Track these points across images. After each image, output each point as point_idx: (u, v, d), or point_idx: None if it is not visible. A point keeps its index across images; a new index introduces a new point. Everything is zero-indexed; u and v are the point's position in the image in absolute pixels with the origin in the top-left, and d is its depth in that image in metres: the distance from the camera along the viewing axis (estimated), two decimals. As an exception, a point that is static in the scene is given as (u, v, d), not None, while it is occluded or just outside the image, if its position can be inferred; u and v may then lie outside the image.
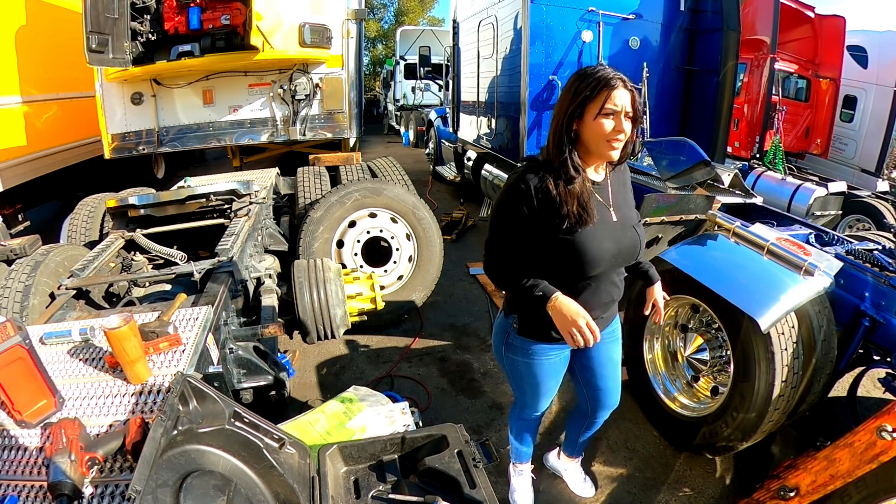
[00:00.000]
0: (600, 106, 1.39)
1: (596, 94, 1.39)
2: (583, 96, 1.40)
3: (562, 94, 1.48)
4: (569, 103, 1.43)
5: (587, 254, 1.45)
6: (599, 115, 1.39)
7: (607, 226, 1.50)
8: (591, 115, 1.40)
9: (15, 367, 1.28)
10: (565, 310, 1.44)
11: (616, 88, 1.38)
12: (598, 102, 1.39)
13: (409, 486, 1.28)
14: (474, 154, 6.69)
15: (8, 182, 4.56)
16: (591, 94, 1.39)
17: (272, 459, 1.23)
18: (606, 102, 1.38)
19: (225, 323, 2.14)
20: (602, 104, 1.38)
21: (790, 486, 1.76)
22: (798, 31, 7.37)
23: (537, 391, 1.81)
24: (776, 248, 2.12)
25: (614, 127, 1.40)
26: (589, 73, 1.41)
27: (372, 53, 29.70)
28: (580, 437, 2.13)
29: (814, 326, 2.07)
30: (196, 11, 4.50)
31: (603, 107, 1.38)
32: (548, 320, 1.50)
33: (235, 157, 6.80)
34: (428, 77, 11.87)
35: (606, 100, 1.38)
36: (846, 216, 6.08)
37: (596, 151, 1.45)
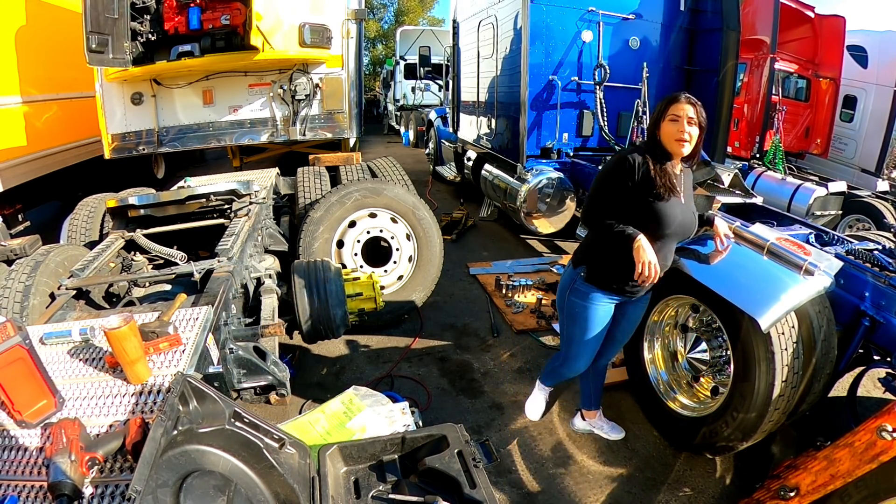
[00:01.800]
0: (668, 113, 1.93)
1: (665, 106, 1.95)
2: (660, 107, 1.98)
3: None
4: (656, 113, 2.00)
5: (665, 217, 1.92)
6: (667, 120, 1.93)
7: (678, 203, 1.96)
8: (664, 121, 1.94)
9: (15, 368, 1.28)
10: (647, 247, 1.88)
11: (678, 102, 1.92)
12: (667, 111, 1.93)
13: (409, 486, 1.28)
14: (474, 154, 6.69)
15: (8, 182, 4.57)
16: (664, 106, 1.96)
17: (272, 459, 1.23)
18: (671, 110, 1.92)
19: (225, 323, 2.14)
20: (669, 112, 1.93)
21: (790, 486, 1.76)
22: (798, 30, 7.37)
23: (583, 337, 2.18)
24: (776, 247, 2.12)
25: (678, 128, 1.90)
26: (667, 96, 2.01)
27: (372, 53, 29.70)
28: (593, 390, 2.53)
29: (814, 326, 2.07)
30: (196, 11, 4.50)
31: (669, 113, 1.93)
32: (610, 272, 2.04)
33: (235, 157, 6.81)
34: (428, 77, 11.87)
35: (672, 108, 1.92)
36: (846, 216, 6.08)
37: (669, 148, 1.94)
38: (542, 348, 3.44)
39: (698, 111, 1.89)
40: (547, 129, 5.15)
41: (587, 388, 2.55)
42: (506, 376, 3.15)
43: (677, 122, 1.90)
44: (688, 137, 1.90)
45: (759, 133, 7.04)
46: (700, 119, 1.90)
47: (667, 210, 1.92)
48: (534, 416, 2.60)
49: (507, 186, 5.28)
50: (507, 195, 5.27)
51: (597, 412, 2.60)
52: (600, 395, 2.58)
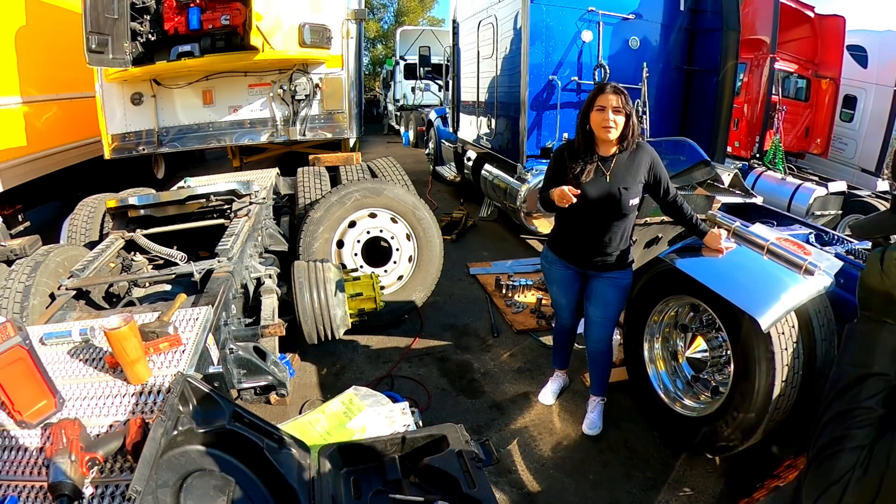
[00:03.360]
0: (595, 104, 2.16)
1: (593, 97, 2.18)
2: (589, 98, 2.20)
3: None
4: (586, 103, 2.22)
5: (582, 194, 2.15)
6: (594, 109, 2.16)
7: (600, 182, 2.20)
8: (592, 111, 2.17)
9: (15, 368, 1.28)
10: (557, 189, 2.13)
11: (604, 92, 2.14)
12: (595, 102, 2.16)
13: (409, 486, 1.28)
14: (474, 154, 6.69)
15: (8, 182, 4.57)
16: (592, 97, 2.19)
17: (272, 459, 1.23)
18: (598, 101, 2.15)
19: (225, 323, 2.14)
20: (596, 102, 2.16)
21: (790, 486, 1.76)
22: (798, 30, 7.37)
23: (553, 296, 2.65)
24: (776, 247, 2.12)
25: (603, 116, 2.13)
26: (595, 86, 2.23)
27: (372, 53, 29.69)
28: (592, 373, 2.70)
29: (814, 326, 2.07)
30: (196, 12, 4.50)
31: (596, 104, 2.16)
32: (557, 238, 2.48)
33: (235, 157, 6.81)
34: (428, 77, 11.87)
35: (598, 99, 2.15)
36: (846, 216, 6.07)
37: (597, 134, 2.19)
38: (542, 348, 3.44)
39: (622, 100, 2.11)
40: (547, 129, 5.15)
41: (589, 371, 2.73)
42: (506, 376, 3.15)
43: (603, 111, 2.12)
44: (612, 125, 2.12)
45: (759, 133, 7.04)
46: (625, 107, 2.11)
47: (584, 187, 2.18)
48: (545, 399, 2.87)
49: (507, 186, 5.28)
50: (507, 195, 5.27)
51: (596, 398, 2.71)
52: (602, 382, 2.69)
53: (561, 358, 2.90)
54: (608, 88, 2.13)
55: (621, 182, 2.19)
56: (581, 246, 2.35)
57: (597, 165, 2.21)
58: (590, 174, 2.19)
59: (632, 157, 2.23)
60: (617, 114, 2.10)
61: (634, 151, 2.24)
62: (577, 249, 2.38)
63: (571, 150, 2.27)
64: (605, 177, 2.20)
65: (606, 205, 2.20)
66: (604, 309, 2.44)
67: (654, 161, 2.26)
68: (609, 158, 2.22)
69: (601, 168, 2.21)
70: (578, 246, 2.36)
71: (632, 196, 2.19)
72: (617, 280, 2.38)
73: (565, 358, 2.90)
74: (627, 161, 2.22)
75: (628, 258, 2.39)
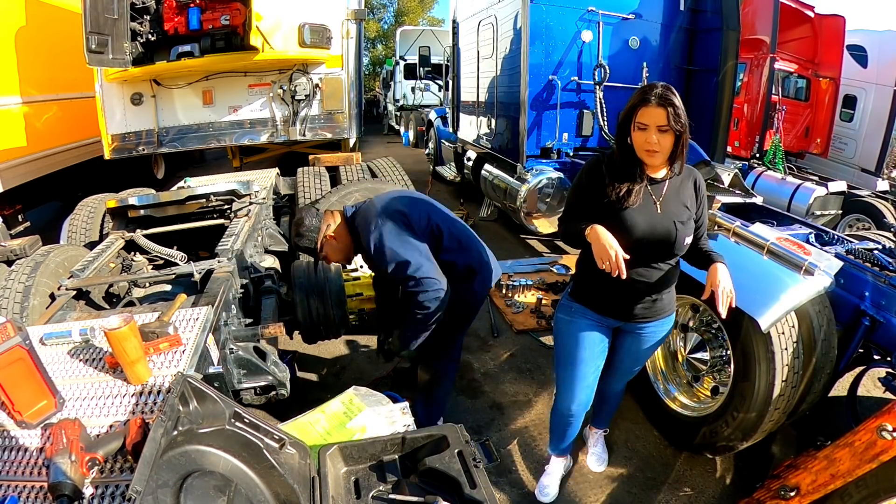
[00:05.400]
0: (636, 121, 1.64)
1: (632, 110, 1.65)
2: (628, 108, 1.68)
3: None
4: (624, 115, 1.70)
5: (627, 225, 1.70)
6: (635, 127, 1.66)
7: (648, 211, 1.72)
8: (633, 129, 1.67)
9: (15, 368, 1.28)
10: (602, 235, 1.63)
11: (647, 104, 1.60)
12: (635, 116, 1.64)
13: (409, 486, 1.28)
14: (474, 154, 6.68)
15: (8, 182, 4.57)
16: (631, 110, 1.66)
17: (272, 460, 1.23)
18: (639, 117, 1.63)
19: (225, 323, 2.14)
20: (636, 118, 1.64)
21: (790, 486, 1.76)
22: (798, 30, 7.36)
23: (565, 361, 1.98)
24: (776, 247, 2.12)
25: (646, 138, 1.63)
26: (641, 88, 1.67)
27: (372, 53, 29.70)
28: (598, 409, 2.36)
29: (814, 326, 2.07)
30: (196, 12, 4.50)
31: (636, 121, 1.64)
32: (593, 287, 1.87)
33: (235, 157, 6.81)
34: (428, 77, 11.86)
35: (640, 114, 1.63)
36: (846, 216, 6.08)
37: (640, 156, 1.69)
38: (543, 348, 3.44)
39: (672, 114, 1.57)
40: (547, 129, 5.15)
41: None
42: (506, 376, 3.15)
43: (645, 130, 1.61)
44: (658, 148, 1.62)
45: (759, 133, 7.04)
46: (675, 124, 1.58)
47: (630, 217, 1.69)
48: (547, 495, 2.22)
49: (507, 186, 5.28)
50: (507, 195, 5.27)
51: (597, 430, 2.46)
52: (606, 417, 2.42)
53: (564, 443, 2.21)
54: (653, 99, 1.58)
55: (675, 214, 1.72)
56: (620, 294, 1.82)
57: (646, 189, 1.72)
58: (638, 198, 1.69)
59: (680, 181, 1.77)
60: (664, 134, 1.60)
61: (684, 172, 1.78)
62: (616, 299, 1.84)
63: (612, 165, 1.74)
64: (656, 206, 1.71)
65: (657, 242, 1.72)
66: (636, 362, 2.07)
67: (698, 185, 1.80)
68: (660, 182, 1.74)
69: (650, 194, 1.72)
70: (617, 295, 1.82)
71: (687, 233, 1.74)
72: (656, 333, 1.94)
73: (571, 443, 2.22)
74: (680, 187, 1.77)
75: (672, 298, 1.92)
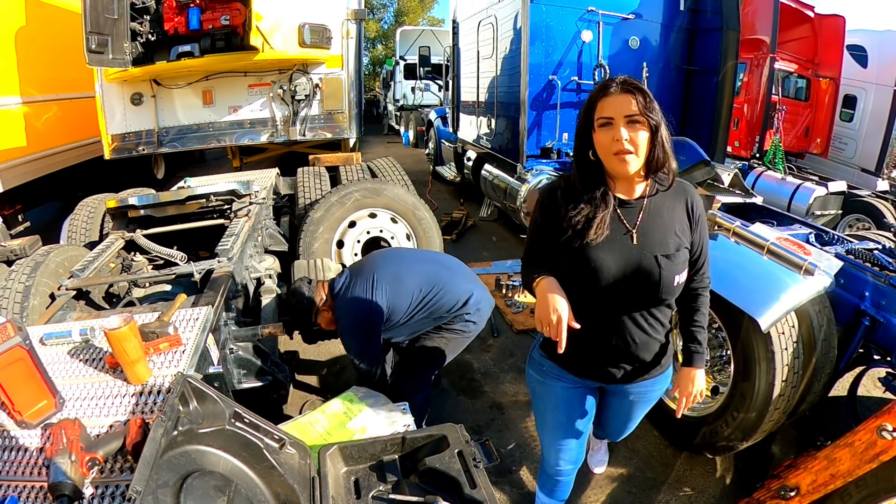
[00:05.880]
0: (597, 116, 1.29)
1: (591, 105, 1.30)
2: (585, 107, 1.32)
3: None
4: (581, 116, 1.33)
5: (594, 266, 1.31)
6: (597, 126, 1.29)
7: (621, 245, 1.33)
8: (595, 129, 1.30)
9: (15, 368, 1.28)
10: (546, 292, 1.28)
11: (608, 94, 1.27)
12: (594, 111, 1.29)
13: (409, 486, 1.28)
14: (474, 154, 6.69)
15: (8, 183, 4.57)
16: (589, 106, 1.31)
17: (272, 460, 1.23)
18: (599, 110, 1.28)
19: (225, 323, 2.14)
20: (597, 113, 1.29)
21: (790, 486, 1.76)
22: (798, 30, 7.37)
23: (543, 422, 1.69)
24: (776, 247, 2.12)
25: (613, 136, 1.25)
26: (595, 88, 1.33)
27: (372, 53, 29.69)
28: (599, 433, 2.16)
29: (814, 326, 2.07)
30: (196, 12, 4.50)
31: (597, 116, 1.28)
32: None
33: (235, 157, 6.80)
34: (428, 77, 11.87)
35: (600, 107, 1.28)
36: (846, 216, 6.07)
37: (608, 166, 1.31)
38: (543, 348, 3.44)
39: (641, 101, 1.23)
40: (547, 129, 5.16)
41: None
42: (506, 376, 3.15)
43: (611, 125, 1.25)
44: (630, 147, 1.24)
45: (759, 133, 7.04)
46: (648, 112, 1.23)
47: (595, 256, 1.31)
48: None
49: (507, 186, 5.29)
50: (507, 195, 5.27)
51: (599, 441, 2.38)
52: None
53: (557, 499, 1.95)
54: (614, 86, 1.26)
55: (659, 246, 1.32)
56: (596, 355, 1.45)
57: (615, 214, 1.34)
58: (602, 229, 1.30)
59: (666, 199, 1.37)
60: (634, 127, 1.24)
61: (672, 190, 1.38)
62: (591, 360, 1.47)
63: (569, 190, 1.37)
64: (630, 236, 1.33)
65: (635, 287, 1.33)
66: (628, 420, 1.72)
67: (692, 206, 1.39)
68: (635, 204, 1.35)
69: (622, 221, 1.34)
70: (592, 355, 1.46)
71: (677, 270, 1.33)
72: (648, 392, 1.57)
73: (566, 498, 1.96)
74: (665, 208, 1.36)
75: (668, 350, 1.51)
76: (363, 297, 2.16)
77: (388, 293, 2.18)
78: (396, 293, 2.19)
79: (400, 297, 2.20)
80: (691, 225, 1.39)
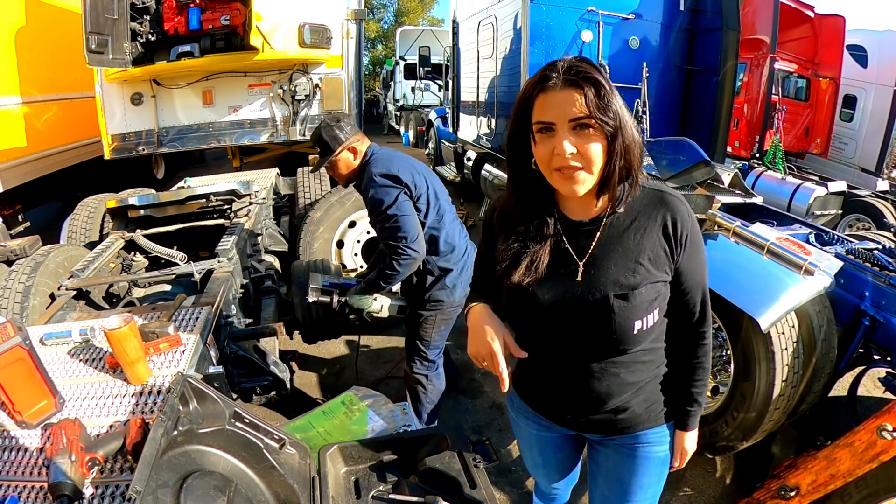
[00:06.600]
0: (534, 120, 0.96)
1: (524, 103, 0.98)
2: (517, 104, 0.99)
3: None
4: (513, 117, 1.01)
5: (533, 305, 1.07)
6: (535, 132, 0.96)
7: (561, 284, 1.05)
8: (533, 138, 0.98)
9: (15, 368, 1.28)
10: (481, 324, 1.10)
11: (545, 90, 0.93)
12: (531, 112, 0.96)
13: (409, 486, 1.28)
14: (474, 154, 6.69)
15: (8, 183, 4.57)
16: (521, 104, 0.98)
17: (273, 460, 1.23)
18: (537, 111, 0.95)
19: (225, 323, 2.14)
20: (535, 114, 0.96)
21: (790, 486, 1.76)
22: (798, 30, 7.37)
23: (524, 458, 1.49)
24: (776, 247, 2.12)
25: (552, 147, 0.93)
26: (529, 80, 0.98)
27: (372, 54, 29.70)
28: None
29: (814, 326, 2.07)
30: (196, 12, 4.50)
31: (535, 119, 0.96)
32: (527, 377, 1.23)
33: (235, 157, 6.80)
34: (428, 77, 11.87)
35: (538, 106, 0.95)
36: (846, 216, 6.08)
37: (552, 183, 0.99)
38: (543, 348, 3.44)
39: (592, 98, 0.89)
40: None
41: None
42: (506, 376, 3.15)
43: (551, 134, 0.93)
44: (577, 163, 0.93)
45: (759, 133, 7.04)
46: (600, 113, 0.89)
47: (532, 295, 1.06)
48: None
49: (507, 186, 5.28)
50: (507, 195, 5.27)
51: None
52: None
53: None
54: (555, 77, 0.91)
55: (613, 282, 1.01)
56: (559, 395, 1.19)
57: (556, 244, 1.06)
58: (533, 270, 1.05)
59: (639, 223, 1.03)
60: (582, 134, 0.92)
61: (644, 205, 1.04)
62: (554, 399, 1.21)
63: (504, 215, 1.12)
64: (576, 270, 1.04)
65: (582, 332, 1.06)
66: (625, 495, 1.27)
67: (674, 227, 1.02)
68: (586, 227, 1.05)
69: (567, 250, 1.06)
70: (554, 394, 1.20)
71: (638, 311, 1.02)
72: (643, 448, 1.20)
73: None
74: (631, 231, 1.03)
75: (658, 399, 1.17)
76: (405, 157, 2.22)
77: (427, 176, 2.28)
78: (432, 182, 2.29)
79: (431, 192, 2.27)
80: (672, 251, 1.03)
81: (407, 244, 2.06)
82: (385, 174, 2.09)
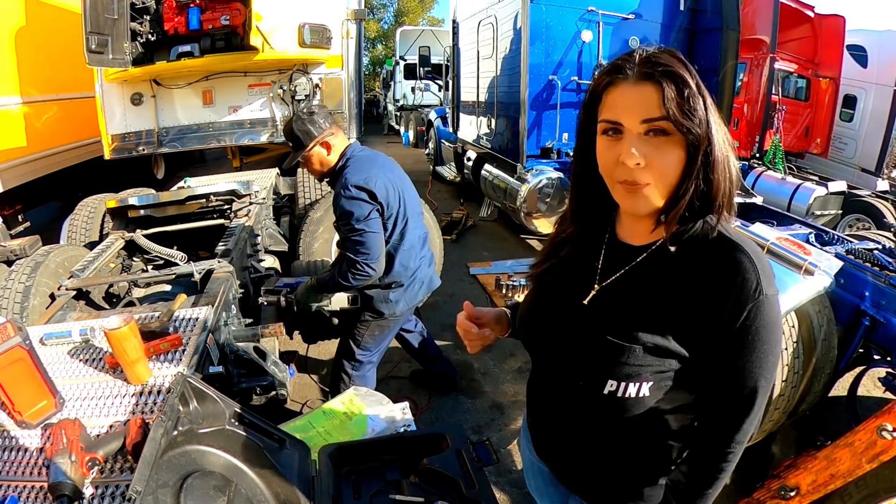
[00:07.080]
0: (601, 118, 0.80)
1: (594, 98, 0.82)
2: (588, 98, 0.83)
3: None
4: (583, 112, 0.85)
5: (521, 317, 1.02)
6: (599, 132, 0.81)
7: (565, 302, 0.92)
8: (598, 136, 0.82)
9: (15, 368, 1.28)
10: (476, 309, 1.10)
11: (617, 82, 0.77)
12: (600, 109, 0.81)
13: (409, 486, 1.28)
14: (474, 154, 6.69)
15: (8, 183, 4.57)
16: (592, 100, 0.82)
17: (273, 460, 1.23)
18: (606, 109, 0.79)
19: (225, 323, 2.14)
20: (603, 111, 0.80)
21: (790, 486, 1.76)
22: (798, 30, 7.37)
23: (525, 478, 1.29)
24: (776, 247, 2.12)
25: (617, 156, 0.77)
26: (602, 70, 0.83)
27: (372, 54, 29.71)
28: None
29: (814, 326, 2.07)
30: (196, 12, 4.49)
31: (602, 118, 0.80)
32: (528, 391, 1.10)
33: (235, 157, 6.80)
34: (428, 77, 11.88)
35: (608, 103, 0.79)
36: (846, 215, 6.08)
37: (614, 194, 0.82)
38: (543, 348, 3.44)
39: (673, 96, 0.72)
40: (547, 129, 5.16)
41: None
42: (506, 376, 3.15)
43: (619, 137, 0.77)
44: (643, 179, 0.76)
45: (759, 133, 7.05)
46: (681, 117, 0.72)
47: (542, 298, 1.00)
48: None
49: (507, 186, 5.29)
50: (507, 195, 5.28)
51: None
52: None
53: None
54: (631, 69, 0.75)
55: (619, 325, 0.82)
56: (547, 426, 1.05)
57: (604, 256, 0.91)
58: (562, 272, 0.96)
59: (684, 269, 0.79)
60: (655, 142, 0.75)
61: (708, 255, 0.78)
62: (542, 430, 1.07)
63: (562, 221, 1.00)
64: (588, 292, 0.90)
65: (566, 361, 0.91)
66: None
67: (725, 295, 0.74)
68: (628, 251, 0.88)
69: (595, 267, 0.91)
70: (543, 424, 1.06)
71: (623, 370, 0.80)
72: None
73: None
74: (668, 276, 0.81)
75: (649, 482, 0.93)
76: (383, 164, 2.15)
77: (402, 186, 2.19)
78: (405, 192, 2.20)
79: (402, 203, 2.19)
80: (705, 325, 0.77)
81: (367, 261, 2.07)
82: (361, 187, 2.05)
